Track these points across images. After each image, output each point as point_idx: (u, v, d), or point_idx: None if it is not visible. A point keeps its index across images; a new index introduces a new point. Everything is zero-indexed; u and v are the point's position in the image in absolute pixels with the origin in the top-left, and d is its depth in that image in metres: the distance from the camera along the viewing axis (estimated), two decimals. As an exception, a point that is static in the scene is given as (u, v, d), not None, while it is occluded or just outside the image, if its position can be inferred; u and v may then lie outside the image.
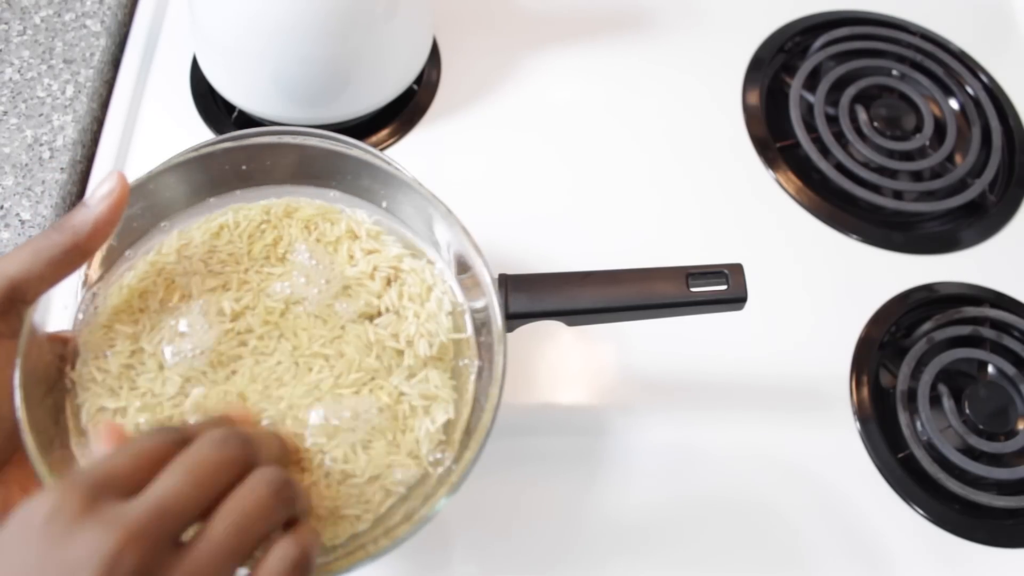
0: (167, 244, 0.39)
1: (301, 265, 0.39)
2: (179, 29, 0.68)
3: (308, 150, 0.41)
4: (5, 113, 0.62)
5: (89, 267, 0.38)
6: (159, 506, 0.27)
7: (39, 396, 0.33)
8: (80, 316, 0.37)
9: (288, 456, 0.34)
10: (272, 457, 0.32)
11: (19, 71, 0.64)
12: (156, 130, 0.64)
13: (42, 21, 0.66)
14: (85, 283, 0.38)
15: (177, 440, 0.29)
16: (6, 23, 0.66)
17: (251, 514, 0.28)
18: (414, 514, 0.35)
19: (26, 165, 0.60)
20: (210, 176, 0.41)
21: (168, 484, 0.28)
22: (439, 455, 0.38)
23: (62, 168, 0.60)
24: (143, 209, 0.39)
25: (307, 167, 0.42)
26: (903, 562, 0.53)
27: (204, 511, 0.28)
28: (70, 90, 0.63)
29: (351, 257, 0.40)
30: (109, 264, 0.39)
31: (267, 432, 0.34)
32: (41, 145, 0.61)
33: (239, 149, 0.40)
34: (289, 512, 0.30)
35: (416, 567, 0.51)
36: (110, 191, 0.33)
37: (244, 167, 0.41)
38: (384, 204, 0.43)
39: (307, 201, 0.42)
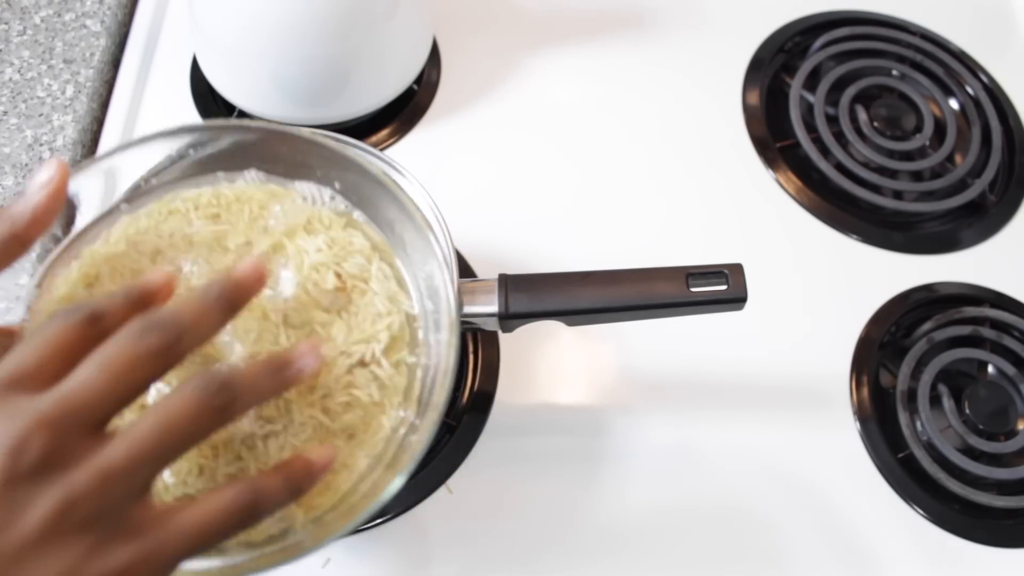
0: (115, 232, 0.39)
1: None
2: (179, 29, 0.68)
3: (257, 134, 0.40)
4: (5, 113, 0.62)
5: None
6: (70, 398, 0.26)
7: None
8: (27, 307, 0.37)
9: (230, 311, 0.30)
10: (208, 332, 0.29)
11: (19, 71, 0.64)
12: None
13: (42, 21, 0.66)
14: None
15: (84, 322, 0.28)
16: (6, 23, 0.66)
17: (178, 416, 0.27)
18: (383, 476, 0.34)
19: (26, 165, 0.60)
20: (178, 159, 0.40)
21: (81, 377, 0.26)
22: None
23: (62, 168, 0.60)
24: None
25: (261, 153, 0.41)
26: (903, 562, 0.53)
27: (121, 405, 0.27)
28: (70, 90, 0.63)
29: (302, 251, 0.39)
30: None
31: (200, 296, 0.30)
32: (41, 145, 0.61)
33: (205, 130, 0.40)
34: (225, 419, 0.28)
35: (412, 564, 0.51)
36: (49, 179, 0.32)
37: (210, 152, 0.40)
38: (337, 186, 0.41)
39: (257, 185, 0.41)
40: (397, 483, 0.33)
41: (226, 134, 0.40)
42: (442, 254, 0.37)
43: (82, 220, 0.39)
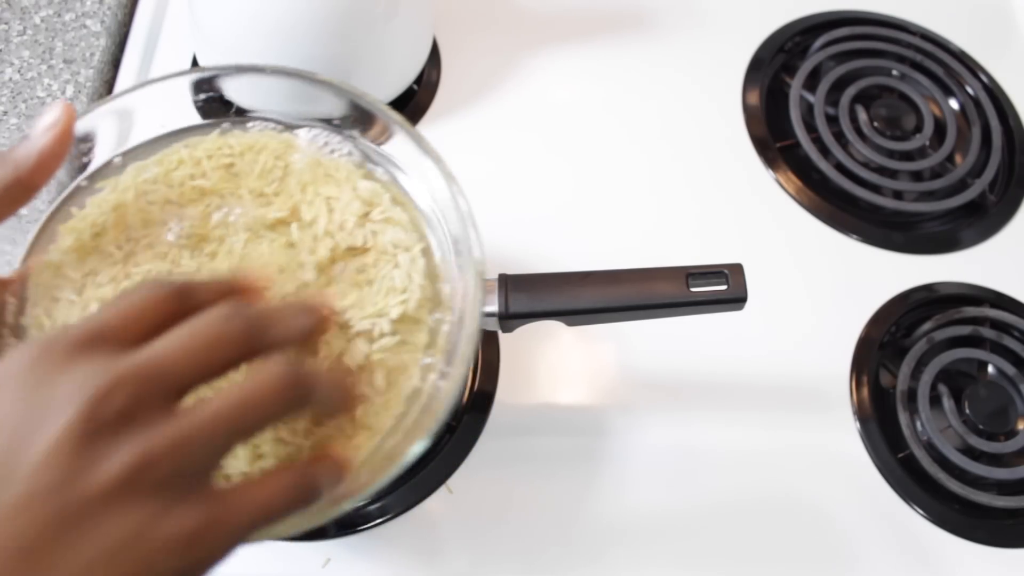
0: (123, 181, 0.37)
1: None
2: (179, 29, 0.68)
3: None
4: (5, 113, 0.62)
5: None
6: (157, 361, 0.26)
7: None
8: (27, 256, 0.36)
9: (316, 331, 0.32)
10: (292, 335, 0.30)
11: (19, 71, 0.64)
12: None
13: (42, 21, 0.66)
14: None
15: (172, 295, 0.28)
16: (6, 23, 0.66)
17: (256, 396, 0.27)
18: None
19: (26, 165, 0.60)
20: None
21: (168, 344, 0.26)
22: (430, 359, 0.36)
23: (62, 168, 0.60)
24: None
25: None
26: (904, 562, 0.53)
27: (209, 380, 0.27)
28: (70, 90, 0.63)
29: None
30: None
31: (288, 305, 0.31)
32: (41, 145, 0.61)
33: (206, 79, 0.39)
34: (300, 407, 0.29)
35: (412, 564, 0.51)
36: (55, 121, 0.30)
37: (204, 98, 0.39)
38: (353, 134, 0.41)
39: (270, 134, 0.40)
40: (422, 444, 0.33)
41: (242, 75, 0.39)
42: (466, 207, 0.37)
43: (94, 164, 0.38)
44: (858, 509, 0.54)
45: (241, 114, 0.41)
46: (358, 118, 0.40)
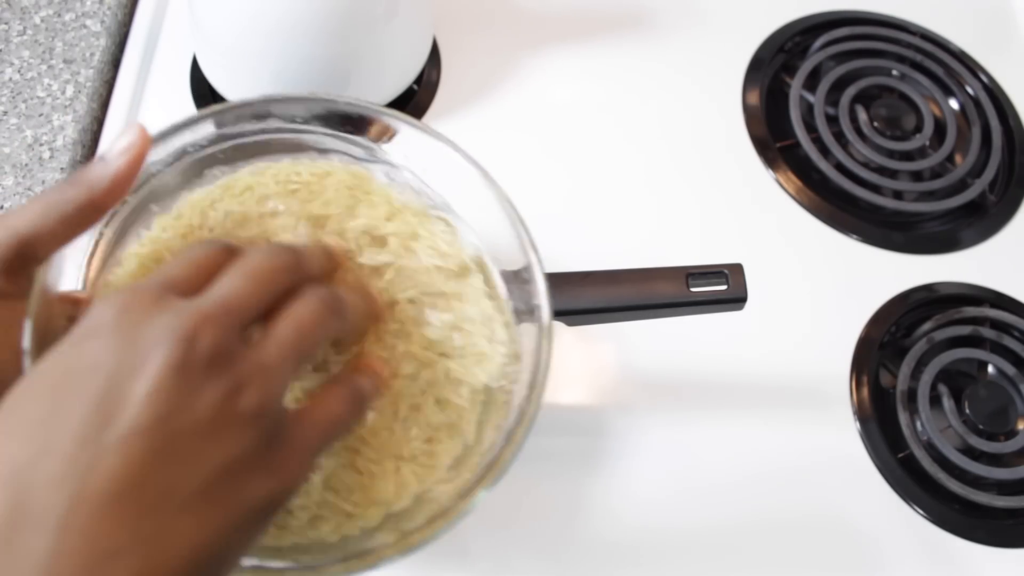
0: (188, 203, 0.37)
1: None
2: (179, 29, 0.68)
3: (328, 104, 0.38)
4: (5, 113, 0.62)
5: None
6: (225, 300, 0.28)
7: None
8: (92, 276, 0.36)
9: (335, 267, 0.36)
10: (321, 270, 0.34)
11: (19, 71, 0.64)
12: (156, 130, 0.63)
13: (42, 21, 0.66)
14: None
15: (227, 251, 0.31)
16: (6, 23, 0.66)
17: (308, 320, 0.29)
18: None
19: (26, 165, 0.60)
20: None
21: (229, 284, 0.29)
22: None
23: (62, 168, 0.60)
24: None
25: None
26: (903, 562, 0.53)
27: (264, 312, 0.29)
28: (70, 90, 0.63)
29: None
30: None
31: (315, 247, 0.35)
32: (41, 145, 0.61)
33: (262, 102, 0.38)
34: (341, 325, 0.31)
35: (411, 564, 0.51)
36: (130, 144, 0.31)
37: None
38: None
39: (340, 166, 0.39)
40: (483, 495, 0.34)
41: (309, 105, 0.38)
42: (536, 259, 0.38)
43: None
44: (858, 509, 0.54)
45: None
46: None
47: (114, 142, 0.31)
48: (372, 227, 0.38)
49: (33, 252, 0.30)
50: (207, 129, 0.38)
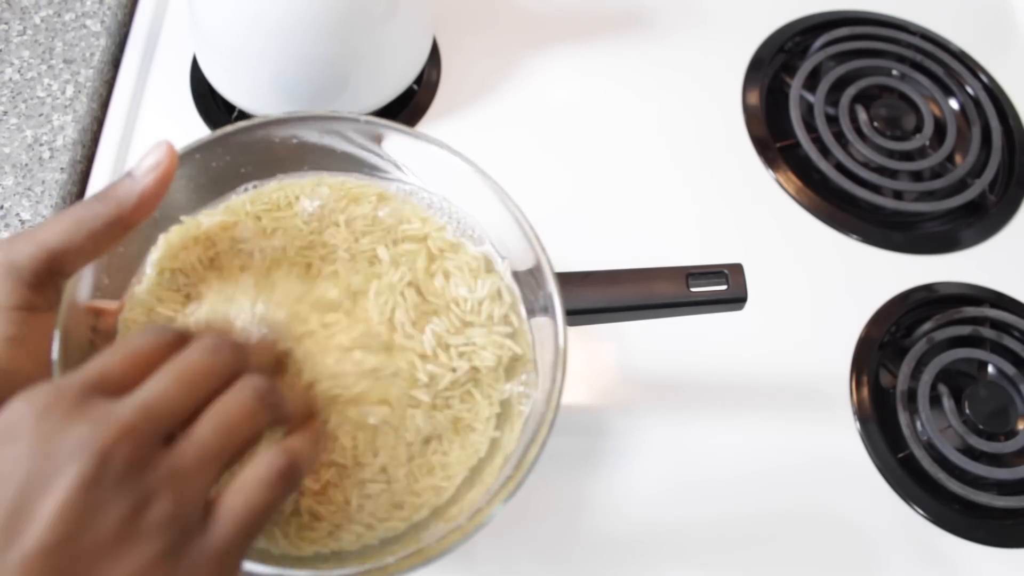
0: (208, 221, 0.37)
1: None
2: (179, 29, 0.68)
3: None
4: (5, 113, 0.62)
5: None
6: (148, 406, 0.27)
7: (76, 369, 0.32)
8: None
9: (280, 366, 0.34)
10: (264, 366, 0.32)
11: (19, 71, 0.64)
12: (156, 130, 0.63)
13: (42, 21, 0.66)
14: None
15: (171, 342, 0.29)
16: (6, 23, 0.66)
17: (235, 417, 0.28)
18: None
19: (26, 165, 0.60)
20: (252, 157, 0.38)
21: (157, 386, 0.28)
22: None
23: (62, 168, 0.60)
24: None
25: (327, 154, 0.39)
26: (903, 562, 0.53)
27: (191, 413, 0.28)
28: (70, 90, 0.63)
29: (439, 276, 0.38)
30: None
31: (262, 343, 0.34)
32: (41, 145, 0.61)
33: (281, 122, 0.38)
34: (275, 417, 0.30)
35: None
36: (158, 162, 0.31)
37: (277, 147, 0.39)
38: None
39: (367, 182, 0.39)
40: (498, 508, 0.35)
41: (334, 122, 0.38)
42: (552, 279, 0.37)
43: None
44: (858, 509, 0.54)
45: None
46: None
47: (142, 159, 0.31)
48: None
49: (60, 267, 0.30)
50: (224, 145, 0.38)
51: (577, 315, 0.44)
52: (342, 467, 0.34)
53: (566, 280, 0.44)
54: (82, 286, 0.32)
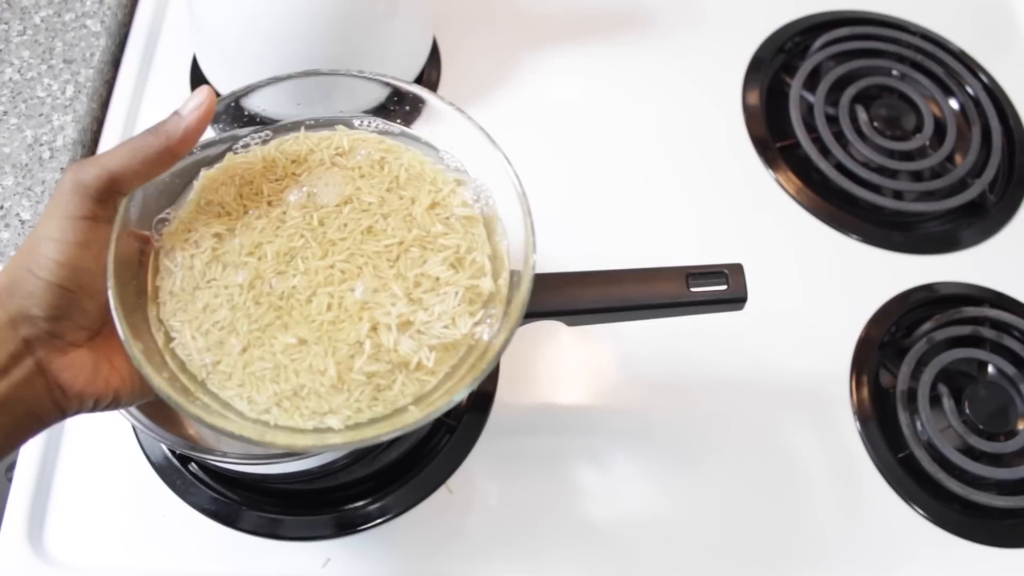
0: (242, 160, 0.42)
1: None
2: (179, 29, 0.68)
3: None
4: (5, 113, 0.62)
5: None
6: None
7: (126, 278, 0.36)
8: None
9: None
10: None
11: (19, 71, 0.64)
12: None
13: (42, 21, 0.66)
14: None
15: None
16: (6, 23, 0.66)
17: None
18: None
19: (26, 165, 0.60)
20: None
21: None
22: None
23: (62, 168, 0.60)
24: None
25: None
26: (903, 562, 0.53)
27: None
28: (70, 90, 0.63)
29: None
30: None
31: None
32: (41, 145, 0.61)
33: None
34: None
35: (412, 564, 0.51)
36: (200, 103, 0.37)
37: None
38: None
39: (372, 136, 0.43)
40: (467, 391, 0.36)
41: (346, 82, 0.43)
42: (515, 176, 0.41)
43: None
44: (858, 509, 0.54)
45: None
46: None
47: (186, 101, 0.37)
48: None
49: (119, 186, 0.35)
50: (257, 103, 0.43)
51: (577, 315, 0.44)
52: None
53: (566, 280, 0.44)
54: (132, 206, 0.37)
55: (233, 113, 0.43)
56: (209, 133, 0.39)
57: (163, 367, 0.35)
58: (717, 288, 0.43)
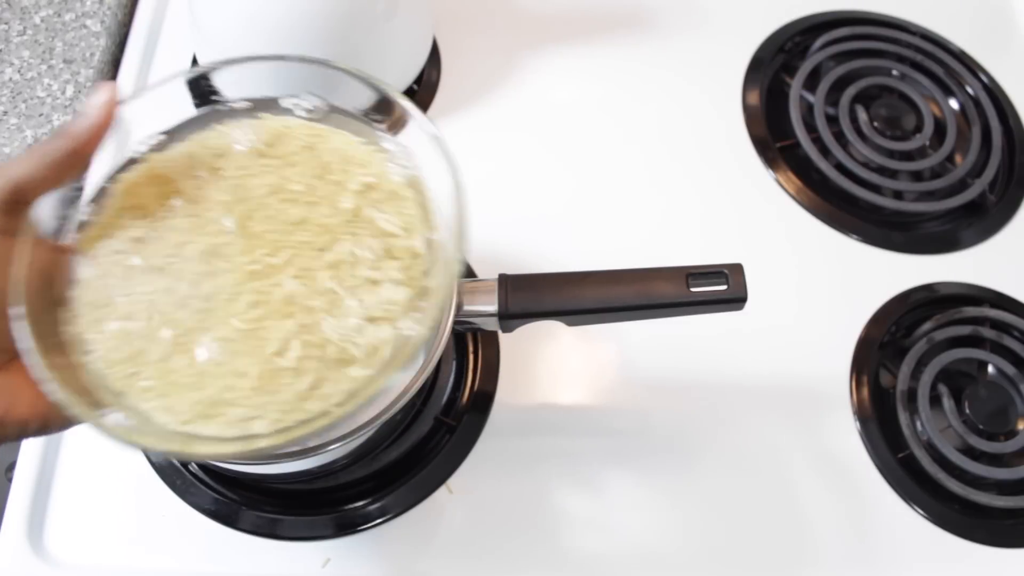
0: (159, 157, 0.40)
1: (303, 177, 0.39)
2: (179, 29, 0.68)
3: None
4: (5, 113, 0.62)
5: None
6: None
7: (38, 293, 0.34)
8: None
9: None
10: None
11: (19, 71, 0.64)
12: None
13: (42, 21, 0.66)
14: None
15: None
16: (6, 23, 0.66)
17: None
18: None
19: (26, 165, 0.60)
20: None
21: None
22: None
23: (62, 168, 0.60)
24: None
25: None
26: (903, 562, 0.53)
27: None
28: (70, 90, 0.63)
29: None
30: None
31: None
32: (41, 145, 0.61)
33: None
34: None
35: (412, 563, 0.51)
36: (105, 100, 0.35)
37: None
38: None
39: (298, 122, 0.42)
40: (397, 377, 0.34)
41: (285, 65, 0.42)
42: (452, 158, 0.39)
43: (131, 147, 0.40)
44: (858, 509, 0.54)
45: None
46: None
47: (88, 99, 0.35)
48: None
49: (24, 195, 0.34)
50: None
51: (577, 315, 0.44)
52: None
53: (566, 280, 0.44)
54: (45, 214, 0.35)
55: (203, 93, 0.42)
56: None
57: (78, 385, 0.33)
58: (717, 288, 0.43)
